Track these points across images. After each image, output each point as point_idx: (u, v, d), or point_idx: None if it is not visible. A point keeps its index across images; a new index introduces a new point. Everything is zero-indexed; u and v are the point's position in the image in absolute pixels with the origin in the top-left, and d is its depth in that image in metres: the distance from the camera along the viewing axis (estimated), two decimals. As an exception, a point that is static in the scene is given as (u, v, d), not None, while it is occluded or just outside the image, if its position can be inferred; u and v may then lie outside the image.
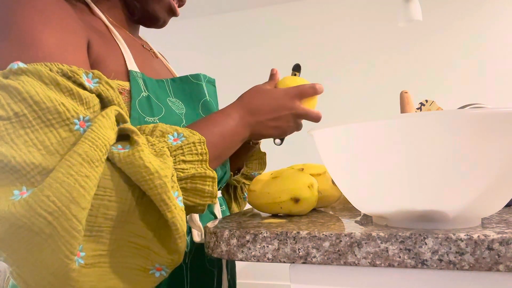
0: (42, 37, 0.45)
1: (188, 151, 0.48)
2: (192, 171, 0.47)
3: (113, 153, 0.42)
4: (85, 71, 0.45)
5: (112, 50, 0.57)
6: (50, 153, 0.38)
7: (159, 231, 0.44)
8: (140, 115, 0.54)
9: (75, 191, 0.37)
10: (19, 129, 0.38)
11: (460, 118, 0.33)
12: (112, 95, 0.46)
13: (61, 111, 0.39)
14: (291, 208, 0.51)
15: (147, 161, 0.40)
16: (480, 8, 2.68)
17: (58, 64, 0.43)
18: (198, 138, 0.49)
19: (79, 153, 0.38)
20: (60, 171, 0.37)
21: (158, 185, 0.40)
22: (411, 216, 0.38)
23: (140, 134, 0.44)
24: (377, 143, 0.36)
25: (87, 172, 0.38)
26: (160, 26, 0.71)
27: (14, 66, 0.41)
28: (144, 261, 0.44)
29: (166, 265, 0.44)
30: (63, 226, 0.36)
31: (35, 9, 0.47)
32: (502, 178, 0.35)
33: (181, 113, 0.62)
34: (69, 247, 0.37)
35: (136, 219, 0.42)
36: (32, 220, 0.35)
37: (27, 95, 0.38)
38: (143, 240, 0.43)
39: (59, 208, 0.36)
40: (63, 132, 0.39)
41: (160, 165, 0.42)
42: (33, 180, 0.37)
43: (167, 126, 0.49)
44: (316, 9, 3.00)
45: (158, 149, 0.45)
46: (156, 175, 0.40)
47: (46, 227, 0.36)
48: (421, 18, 1.65)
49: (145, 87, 0.57)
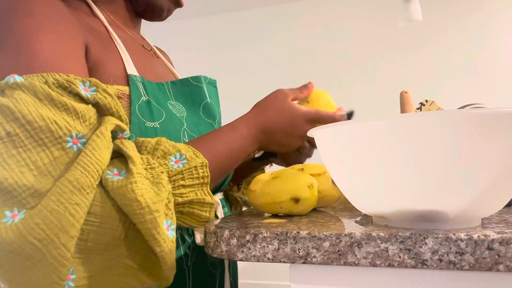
0: (39, 45, 0.45)
1: (189, 175, 0.47)
2: (191, 195, 0.46)
3: (107, 180, 0.41)
4: (82, 79, 0.45)
5: (111, 54, 0.57)
6: (42, 174, 0.39)
7: (149, 255, 0.44)
8: (140, 120, 0.54)
9: (65, 219, 0.37)
10: (11, 149, 0.38)
11: (460, 118, 0.33)
12: (110, 103, 0.45)
13: (54, 129, 0.39)
14: (291, 208, 0.51)
15: (139, 194, 0.40)
16: (480, 8, 2.68)
17: (54, 75, 0.43)
18: (201, 161, 0.48)
19: (70, 180, 0.38)
20: (51, 198, 0.37)
21: (148, 220, 0.40)
22: (411, 216, 0.38)
23: (136, 160, 0.43)
24: (377, 143, 0.36)
25: (77, 200, 0.38)
26: (164, 18, 0.70)
27: (10, 80, 0.41)
28: (133, 281, 0.44)
29: (154, 285, 0.45)
30: (52, 254, 0.36)
31: (31, 16, 0.46)
32: (502, 178, 0.35)
33: (182, 116, 0.62)
34: (58, 273, 0.37)
35: (127, 243, 0.43)
36: (23, 247, 0.36)
37: (19, 114, 0.38)
38: (133, 262, 0.44)
39: (48, 236, 0.36)
40: (55, 151, 0.39)
41: (153, 197, 0.41)
42: (24, 202, 0.38)
43: (169, 146, 0.48)
44: (316, 9, 3.00)
45: (156, 175, 0.44)
46: (147, 209, 0.40)
47: (36, 253, 0.36)
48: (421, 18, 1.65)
49: (144, 91, 0.57)
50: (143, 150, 0.47)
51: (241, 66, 3.12)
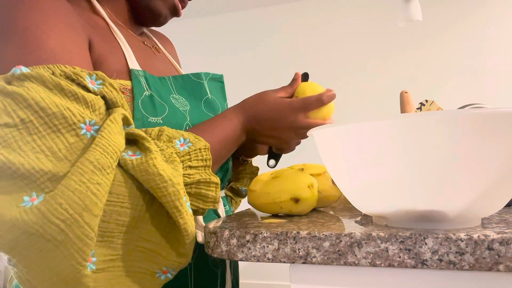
0: (45, 38, 0.45)
1: (195, 157, 0.48)
2: (197, 176, 0.48)
3: (125, 159, 0.42)
4: (89, 72, 0.45)
5: (113, 49, 0.57)
6: (58, 159, 0.39)
7: (166, 235, 0.44)
8: (143, 115, 0.54)
9: (88, 199, 0.37)
10: (26, 136, 0.38)
11: (460, 118, 0.33)
12: (116, 97, 0.46)
13: (67, 116, 0.39)
14: (291, 208, 0.51)
15: (160, 168, 0.41)
16: (480, 8, 2.68)
17: (60, 66, 0.43)
18: (204, 144, 0.50)
19: (91, 161, 0.38)
20: (72, 178, 0.37)
21: (171, 192, 0.41)
22: (411, 216, 0.38)
23: (150, 140, 0.45)
24: (377, 143, 0.36)
25: (98, 180, 0.38)
26: (160, 24, 0.70)
27: (16, 71, 0.40)
28: (151, 265, 0.44)
29: (172, 268, 0.45)
30: (75, 233, 0.36)
31: (37, 9, 0.46)
32: (502, 178, 0.35)
33: (185, 110, 0.62)
34: (82, 254, 0.37)
35: (146, 224, 0.43)
36: (45, 228, 0.35)
37: (32, 101, 0.38)
38: (151, 244, 0.44)
39: (71, 216, 0.36)
40: (70, 137, 0.40)
41: (173, 172, 0.43)
42: (43, 186, 0.38)
43: (173, 131, 0.50)
44: (316, 9, 3.00)
45: (168, 155, 0.46)
46: (170, 182, 0.41)
47: (59, 235, 0.36)
48: (421, 18, 1.65)
49: (147, 85, 0.57)
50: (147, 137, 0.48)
51: (241, 66, 3.12)
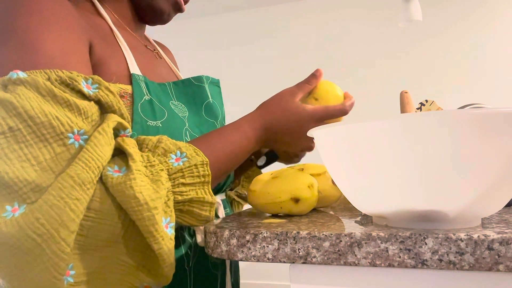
0: (43, 41, 0.45)
1: (189, 174, 0.47)
2: (191, 194, 0.46)
3: (107, 176, 0.42)
4: (85, 77, 0.45)
5: (114, 52, 0.57)
6: (43, 170, 0.39)
7: (149, 254, 0.44)
8: (142, 119, 0.54)
9: (65, 215, 0.37)
10: (13, 144, 0.38)
11: (460, 118, 0.33)
12: (112, 101, 0.45)
13: (55, 125, 0.39)
14: (291, 208, 0.51)
15: (137, 191, 0.40)
16: (481, 8, 2.68)
17: (57, 71, 0.43)
18: (201, 160, 0.48)
19: (71, 175, 0.38)
20: (52, 193, 0.37)
21: (146, 217, 0.40)
22: (411, 216, 0.38)
23: (136, 158, 0.43)
24: (377, 143, 0.36)
25: (78, 195, 0.38)
26: (164, 22, 0.70)
27: (13, 76, 0.41)
28: (132, 279, 0.44)
29: (155, 283, 0.45)
30: (51, 248, 0.37)
31: (36, 12, 0.46)
32: (502, 178, 0.35)
33: (184, 116, 0.62)
34: (57, 268, 0.37)
35: (127, 240, 0.43)
36: (22, 241, 0.36)
37: (22, 109, 0.38)
38: (132, 260, 0.44)
39: (48, 231, 0.36)
40: (57, 147, 0.40)
41: (151, 195, 0.41)
42: (25, 196, 0.38)
43: (170, 144, 0.48)
44: (316, 9, 3.00)
45: (156, 172, 0.44)
46: (145, 206, 0.40)
47: (35, 248, 0.36)
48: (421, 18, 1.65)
49: (147, 90, 0.57)
50: (144, 148, 0.47)
51: (241, 66, 3.12)
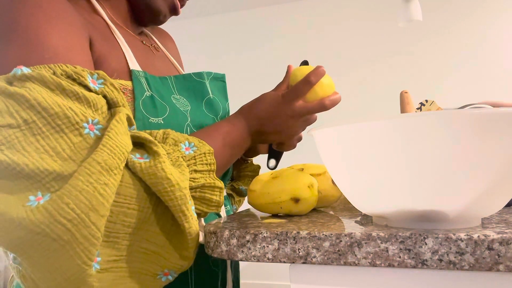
0: (47, 37, 0.45)
1: (200, 161, 0.49)
2: (202, 180, 0.48)
3: (134, 162, 0.42)
4: (90, 72, 0.45)
5: (113, 49, 0.57)
6: (63, 159, 0.39)
7: (171, 238, 0.45)
8: (144, 116, 0.54)
9: (94, 199, 0.37)
10: (29, 137, 0.38)
11: (460, 118, 0.33)
12: (117, 97, 0.46)
13: (70, 115, 0.39)
14: (291, 208, 0.51)
15: (169, 172, 0.42)
16: (481, 8, 2.68)
17: (62, 66, 0.43)
18: (208, 148, 0.50)
19: (98, 161, 0.38)
20: (80, 178, 0.37)
21: (178, 196, 0.42)
22: (411, 216, 0.38)
23: (158, 144, 0.45)
24: (377, 143, 0.36)
25: (106, 180, 0.38)
26: (160, 23, 0.70)
27: (18, 72, 0.40)
28: (153, 267, 0.45)
29: (174, 270, 0.46)
30: (82, 233, 0.37)
31: (39, 9, 0.46)
32: (502, 178, 0.35)
33: (186, 110, 0.62)
34: (88, 253, 0.37)
35: (151, 226, 0.43)
36: (51, 227, 0.36)
37: (34, 102, 0.38)
38: (155, 246, 0.44)
39: (78, 216, 0.36)
40: (73, 137, 0.40)
41: (180, 176, 0.43)
42: (48, 185, 0.38)
43: (178, 135, 0.50)
44: (316, 9, 3.00)
45: (175, 159, 0.46)
46: (177, 187, 0.42)
47: (65, 234, 0.36)
48: (421, 18, 1.65)
49: (148, 86, 0.57)
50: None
51: (241, 66, 3.12)
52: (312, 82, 0.58)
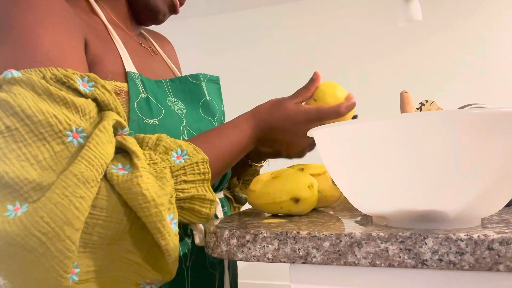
0: (39, 39, 0.45)
1: (190, 171, 0.47)
2: (192, 191, 0.47)
3: (112, 174, 0.42)
4: (80, 74, 0.45)
5: (109, 50, 0.57)
6: (43, 168, 0.38)
7: (152, 250, 0.44)
8: (139, 117, 0.54)
9: (70, 213, 0.37)
10: (11, 144, 0.38)
11: (460, 118, 0.33)
12: (109, 99, 0.45)
13: (53, 123, 0.39)
14: (291, 208, 0.51)
15: (144, 188, 0.41)
16: (480, 8, 2.68)
17: (52, 69, 0.43)
18: (202, 157, 0.49)
19: (75, 173, 0.38)
20: (55, 191, 0.37)
21: (153, 213, 0.41)
22: (411, 216, 0.38)
23: (140, 155, 0.44)
24: (377, 143, 0.36)
25: (82, 193, 0.38)
26: (159, 22, 0.70)
27: (7, 75, 0.40)
28: (135, 276, 0.44)
29: (156, 281, 0.45)
30: (56, 247, 0.37)
31: (32, 10, 0.46)
32: (502, 178, 0.35)
33: (182, 113, 0.62)
34: (63, 266, 0.37)
35: (131, 237, 0.43)
36: (26, 240, 0.36)
37: (18, 109, 0.38)
38: (136, 257, 0.44)
39: (52, 229, 0.36)
40: (55, 145, 0.39)
41: (157, 191, 0.42)
42: (27, 195, 0.38)
43: (170, 141, 0.49)
44: (315, 9, 3.00)
45: (159, 170, 0.45)
46: (152, 203, 0.41)
47: (40, 247, 0.36)
48: (421, 18, 1.65)
49: (143, 88, 0.57)
50: (144, 146, 0.47)
51: (241, 66, 3.12)
52: (341, 115, 0.58)
